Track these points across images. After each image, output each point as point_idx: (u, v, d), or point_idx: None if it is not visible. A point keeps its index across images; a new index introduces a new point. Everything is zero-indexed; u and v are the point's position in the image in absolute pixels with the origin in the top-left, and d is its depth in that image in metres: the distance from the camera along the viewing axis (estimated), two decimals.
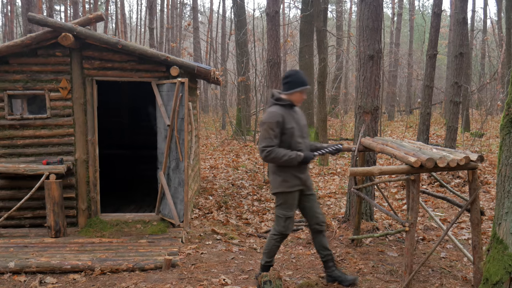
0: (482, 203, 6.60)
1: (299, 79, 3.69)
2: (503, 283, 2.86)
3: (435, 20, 9.46)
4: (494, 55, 24.70)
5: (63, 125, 5.40)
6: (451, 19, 20.89)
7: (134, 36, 33.90)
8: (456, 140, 9.02)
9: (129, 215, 5.67)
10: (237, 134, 15.23)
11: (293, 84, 3.68)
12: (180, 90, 5.22)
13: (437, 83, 25.40)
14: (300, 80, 3.68)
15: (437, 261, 4.45)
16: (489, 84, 19.24)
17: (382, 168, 3.44)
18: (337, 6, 25.03)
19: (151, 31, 16.83)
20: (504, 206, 2.93)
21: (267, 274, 3.56)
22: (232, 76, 19.20)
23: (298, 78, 3.69)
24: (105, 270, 4.19)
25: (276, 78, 8.42)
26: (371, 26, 5.25)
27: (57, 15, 30.98)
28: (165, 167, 5.58)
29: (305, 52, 14.35)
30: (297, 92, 3.69)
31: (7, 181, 5.35)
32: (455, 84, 8.90)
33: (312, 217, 3.84)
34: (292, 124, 3.67)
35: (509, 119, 2.94)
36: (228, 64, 22.80)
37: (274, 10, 8.39)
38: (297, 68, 17.83)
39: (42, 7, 18.14)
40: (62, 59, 5.32)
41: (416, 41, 29.73)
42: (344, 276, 3.87)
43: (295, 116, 3.73)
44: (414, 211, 3.53)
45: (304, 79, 3.71)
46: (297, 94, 3.70)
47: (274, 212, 6.45)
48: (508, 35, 15.83)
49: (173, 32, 27.40)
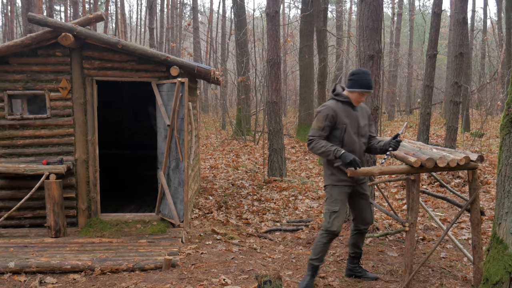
0: (482, 203, 6.60)
1: (362, 80, 3.61)
2: (503, 283, 2.86)
3: (435, 20, 9.46)
4: (494, 55, 24.70)
5: (63, 125, 5.40)
6: (451, 19, 20.89)
7: (134, 36, 33.91)
8: (456, 140, 9.02)
9: (129, 215, 5.67)
10: (237, 134, 15.23)
11: (354, 83, 3.64)
12: (180, 90, 5.22)
13: (437, 83, 25.40)
14: (363, 82, 3.61)
15: (437, 261, 4.46)
16: (489, 84, 19.25)
17: (382, 168, 3.44)
18: (337, 6, 25.02)
19: (151, 31, 16.83)
20: (504, 206, 2.93)
21: (267, 274, 3.56)
22: (232, 76, 19.20)
23: (361, 79, 3.62)
24: (105, 270, 4.19)
25: (276, 78, 8.42)
26: (371, 26, 5.24)
27: (57, 15, 31.00)
28: (165, 167, 5.58)
29: (305, 52, 14.35)
30: (356, 92, 3.65)
31: (7, 181, 5.35)
32: (455, 84, 8.90)
33: (358, 216, 3.87)
34: (346, 120, 3.64)
35: (509, 119, 2.94)
36: (228, 64, 22.81)
37: (274, 10, 8.39)
38: (297, 68, 17.84)
39: (42, 7, 18.15)
40: (62, 59, 5.32)
41: (416, 41, 29.73)
42: (365, 273, 3.97)
43: (352, 113, 3.69)
44: (414, 211, 3.53)
45: (367, 82, 3.61)
46: (356, 94, 3.66)
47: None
48: (508, 35, 15.84)
49: (173, 32, 27.41)
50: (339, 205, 3.66)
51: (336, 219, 3.64)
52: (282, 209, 6.71)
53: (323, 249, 3.73)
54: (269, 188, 7.88)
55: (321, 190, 7.90)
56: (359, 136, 3.71)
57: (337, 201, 3.66)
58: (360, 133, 3.72)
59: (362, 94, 3.65)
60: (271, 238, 5.34)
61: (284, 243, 5.19)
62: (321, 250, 3.72)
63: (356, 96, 3.66)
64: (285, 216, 6.36)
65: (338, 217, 3.64)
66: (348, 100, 3.69)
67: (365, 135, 3.78)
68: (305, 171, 9.73)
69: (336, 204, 3.65)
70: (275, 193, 7.57)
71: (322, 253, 3.73)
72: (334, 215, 3.64)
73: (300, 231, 5.59)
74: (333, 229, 3.65)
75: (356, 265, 4.05)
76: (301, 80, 15.12)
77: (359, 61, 5.39)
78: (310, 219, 6.00)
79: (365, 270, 4.06)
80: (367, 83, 3.61)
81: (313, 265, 3.76)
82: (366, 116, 3.82)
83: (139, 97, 8.61)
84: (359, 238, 3.96)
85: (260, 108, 16.03)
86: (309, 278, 3.77)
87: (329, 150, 3.51)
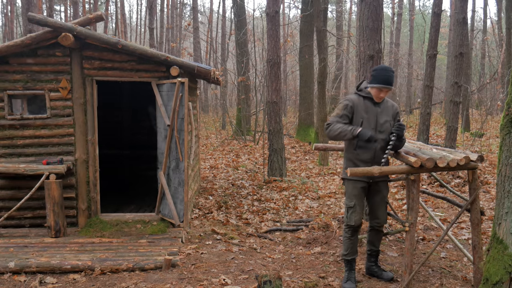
0: (482, 203, 6.60)
1: (381, 76, 3.67)
2: (503, 283, 2.86)
3: (435, 20, 9.46)
4: (494, 55, 24.70)
5: (63, 125, 5.39)
6: (451, 19, 20.89)
7: (134, 36, 33.91)
8: (456, 140, 9.02)
9: (129, 215, 5.67)
10: (237, 134, 15.23)
11: (374, 79, 3.72)
12: (180, 90, 5.22)
13: (437, 83, 25.40)
14: (382, 77, 3.66)
15: (437, 261, 4.46)
16: (489, 84, 19.24)
17: (382, 168, 3.44)
18: (337, 6, 25.03)
19: (151, 31, 16.82)
20: (504, 206, 2.93)
21: (267, 274, 3.56)
22: (232, 76, 19.20)
23: (381, 74, 3.68)
24: (105, 270, 4.19)
25: (276, 78, 8.42)
26: (371, 26, 5.25)
27: (57, 15, 30.99)
28: (165, 167, 5.58)
29: (305, 52, 14.35)
30: (375, 88, 3.71)
31: (7, 181, 5.35)
32: (455, 84, 8.90)
33: (371, 213, 3.95)
34: (364, 115, 3.70)
35: (509, 119, 2.94)
36: (228, 64, 22.80)
37: (274, 10, 8.39)
38: (297, 68, 17.84)
39: (42, 7, 18.15)
40: (62, 59, 5.31)
41: (416, 41, 29.73)
42: (381, 273, 4.01)
43: (372, 109, 3.73)
44: (414, 211, 3.53)
45: (386, 78, 3.66)
46: (375, 90, 3.72)
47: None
48: (508, 35, 15.84)
49: (173, 32, 27.41)
50: (354, 200, 3.76)
51: (353, 214, 3.75)
52: (282, 209, 6.72)
53: (350, 243, 3.83)
54: (269, 188, 7.88)
55: (321, 190, 7.91)
56: (377, 132, 3.73)
57: (352, 197, 3.77)
58: (378, 129, 3.74)
59: (381, 90, 3.70)
60: (271, 238, 5.34)
61: (284, 243, 5.19)
62: (349, 244, 3.83)
63: (376, 91, 3.72)
64: (285, 216, 6.36)
65: (355, 211, 3.75)
66: (369, 96, 3.76)
67: (385, 131, 3.76)
68: (305, 171, 9.73)
69: (351, 200, 3.77)
70: (275, 193, 7.57)
71: (351, 247, 3.83)
72: (350, 210, 3.76)
73: (300, 231, 5.59)
74: (351, 223, 3.77)
75: (373, 263, 4.07)
76: (301, 80, 15.13)
77: (359, 61, 5.39)
78: (310, 219, 6.00)
79: (382, 269, 4.07)
80: (386, 79, 3.66)
81: (347, 260, 3.86)
82: (390, 114, 3.82)
83: (139, 97, 8.61)
84: (374, 236, 4.01)
85: (260, 108, 16.03)
86: (348, 272, 3.85)
87: (346, 129, 3.60)
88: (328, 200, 7.24)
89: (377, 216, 3.91)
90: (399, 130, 3.65)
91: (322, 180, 8.87)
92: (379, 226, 3.95)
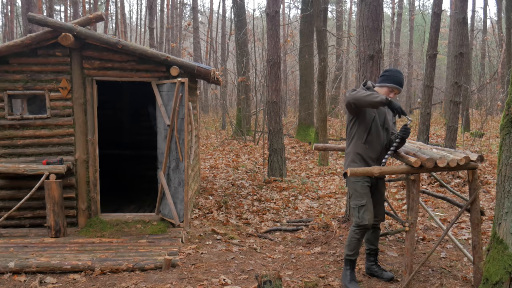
0: (482, 203, 6.60)
1: (393, 77, 3.72)
2: (503, 283, 2.86)
3: (435, 20, 9.45)
4: (494, 55, 24.71)
5: (63, 125, 5.40)
6: (451, 19, 20.88)
7: (134, 36, 33.91)
8: (456, 140, 9.02)
9: (129, 215, 5.67)
10: (237, 134, 15.23)
11: (386, 78, 3.75)
12: (180, 90, 5.22)
13: (437, 83, 25.40)
14: (395, 78, 3.71)
15: (437, 261, 4.46)
16: (489, 84, 19.24)
17: (382, 168, 3.44)
18: (337, 6, 25.03)
19: (151, 31, 16.83)
20: (504, 206, 2.93)
21: (267, 274, 3.56)
22: (232, 76, 19.20)
23: (393, 75, 3.73)
24: (105, 270, 4.19)
25: (276, 78, 8.42)
26: (371, 26, 5.25)
27: (57, 15, 31.00)
28: (165, 167, 5.58)
29: (305, 52, 14.35)
30: (385, 87, 3.74)
31: (7, 181, 5.35)
32: (455, 84, 8.90)
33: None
34: (375, 111, 3.74)
35: (509, 119, 2.94)
36: (228, 64, 22.81)
37: (274, 10, 8.39)
38: (297, 68, 17.83)
39: (42, 7, 18.15)
40: (62, 59, 5.31)
41: (416, 41, 29.74)
42: (381, 273, 4.00)
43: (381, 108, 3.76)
44: (414, 211, 3.53)
45: (398, 80, 3.71)
46: (386, 89, 3.75)
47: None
48: (508, 35, 15.84)
49: (173, 32, 27.40)
50: (365, 198, 3.72)
51: (366, 212, 3.69)
52: (282, 209, 6.72)
53: (357, 245, 3.80)
54: (269, 188, 7.89)
55: (321, 190, 7.90)
56: (384, 129, 3.81)
57: (362, 195, 3.73)
58: (385, 126, 3.83)
59: (392, 90, 3.74)
60: (271, 238, 5.34)
61: (284, 243, 5.19)
62: (356, 245, 3.80)
63: (386, 91, 3.75)
64: (285, 216, 6.36)
65: (367, 210, 3.70)
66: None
67: (390, 130, 3.87)
68: (305, 171, 9.73)
69: (362, 198, 3.72)
70: (275, 193, 7.57)
71: (357, 248, 3.81)
72: (362, 209, 3.70)
73: (300, 231, 5.59)
74: (365, 223, 3.69)
75: (373, 263, 4.07)
76: (301, 80, 15.13)
77: (359, 61, 5.39)
78: (310, 219, 6.00)
79: (382, 269, 4.07)
80: (398, 80, 3.71)
81: (350, 260, 3.85)
82: (391, 113, 3.92)
83: (139, 97, 8.61)
84: (372, 234, 4.02)
85: (260, 108, 16.03)
86: (350, 271, 3.84)
87: (376, 95, 3.53)
88: (328, 200, 7.24)
89: (377, 214, 3.93)
90: (405, 133, 3.67)
91: (322, 180, 8.87)
92: (377, 224, 3.98)
